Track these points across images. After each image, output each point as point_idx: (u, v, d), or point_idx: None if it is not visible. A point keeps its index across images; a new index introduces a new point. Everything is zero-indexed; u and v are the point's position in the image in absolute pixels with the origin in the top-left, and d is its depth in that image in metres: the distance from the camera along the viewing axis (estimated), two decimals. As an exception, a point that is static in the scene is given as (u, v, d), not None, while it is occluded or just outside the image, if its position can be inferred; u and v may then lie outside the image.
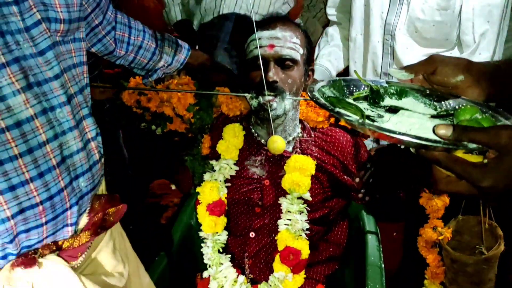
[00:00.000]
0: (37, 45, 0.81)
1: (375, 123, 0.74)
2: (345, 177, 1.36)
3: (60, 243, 0.87)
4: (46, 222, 0.83)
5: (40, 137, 0.80)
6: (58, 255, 0.87)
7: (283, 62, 1.26)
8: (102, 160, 0.94)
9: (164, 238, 1.45)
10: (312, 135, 1.39)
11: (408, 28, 1.49)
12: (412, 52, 1.51)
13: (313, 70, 1.39)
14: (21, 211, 0.79)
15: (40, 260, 0.84)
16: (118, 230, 1.07)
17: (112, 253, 0.99)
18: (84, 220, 0.91)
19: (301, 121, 1.40)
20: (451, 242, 1.39)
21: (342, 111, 0.74)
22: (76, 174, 0.86)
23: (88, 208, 0.92)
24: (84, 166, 0.88)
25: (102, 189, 0.98)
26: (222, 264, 1.34)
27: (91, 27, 1.12)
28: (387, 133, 0.66)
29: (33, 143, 0.79)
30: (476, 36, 1.42)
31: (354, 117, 0.73)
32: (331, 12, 1.74)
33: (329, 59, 1.71)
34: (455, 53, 1.51)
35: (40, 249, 0.85)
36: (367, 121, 0.73)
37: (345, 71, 1.76)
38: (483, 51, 1.43)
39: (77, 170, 0.87)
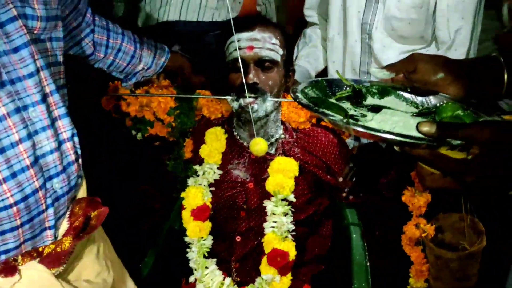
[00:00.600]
0: (12, 41, 0.79)
1: (359, 122, 0.74)
2: (328, 177, 1.36)
3: (41, 249, 0.85)
4: (22, 224, 0.81)
5: (13, 136, 0.78)
6: (39, 262, 0.84)
7: (263, 64, 1.25)
8: (79, 161, 0.92)
9: (148, 244, 1.43)
10: (294, 136, 1.38)
11: (385, 27, 1.50)
12: (389, 50, 1.53)
13: (293, 71, 1.39)
14: None
15: (20, 267, 0.82)
16: (102, 236, 1.05)
17: (96, 259, 0.97)
18: (64, 225, 0.89)
19: (282, 122, 1.40)
20: (434, 239, 1.41)
21: (326, 111, 0.74)
22: (50, 175, 0.85)
23: (68, 212, 0.90)
24: (58, 167, 0.86)
25: (83, 192, 0.96)
26: (207, 268, 1.32)
27: (69, 30, 1.10)
28: (372, 132, 0.66)
29: (6, 143, 0.78)
30: (451, 33, 1.45)
31: (338, 117, 0.73)
32: (309, 13, 1.75)
33: (307, 60, 1.72)
34: (432, 49, 1.53)
35: (20, 257, 0.83)
36: (351, 120, 0.73)
37: (323, 72, 1.77)
38: (459, 47, 1.46)
39: (51, 171, 0.85)
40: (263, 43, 1.25)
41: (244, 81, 1.18)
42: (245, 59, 1.24)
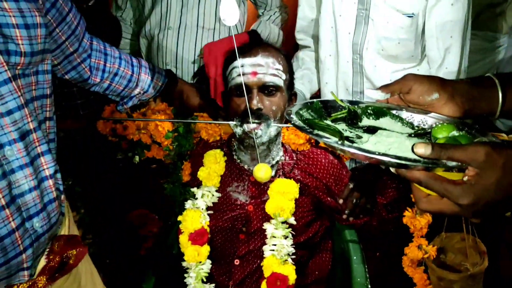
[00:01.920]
0: None
1: (354, 144, 0.73)
2: (328, 199, 1.35)
3: (15, 287, 0.82)
4: None
5: None
6: None
7: (267, 89, 1.25)
8: (62, 198, 0.89)
9: (146, 269, 1.40)
10: (294, 158, 1.38)
11: (375, 47, 1.52)
12: (381, 70, 1.54)
13: (295, 95, 1.39)
14: None
15: None
16: (87, 267, 1.01)
17: None
18: (42, 262, 0.86)
19: (282, 144, 1.40)
20: (436, 260, 1.39)
21: (321, 133, 0.74)
22: (29, 215, 0.81)
23: (47, 249, 0.87)
24: (38, 206, 0.82)
25: (64, 229, 0.92)
26: (206, 293, 1.30)
27: (66, 55, 1.10)
28: (367, 154, 0.66)
29: None
30: (441, 51, 1.46)
31: (333, 139, 0.72)
32: (300, 36, 1.77)
33: (302, 82, 1.73)
34: (423, 68, 1.54)
35: None
36: (346, 142, 0.72)
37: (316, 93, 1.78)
38: (450, 65, 1.47)
39: (30, 210, 0.81)
40: (267, 69, 1.25)
41: (248, 106, 1.18)
42: (249, 84, 1.23)
